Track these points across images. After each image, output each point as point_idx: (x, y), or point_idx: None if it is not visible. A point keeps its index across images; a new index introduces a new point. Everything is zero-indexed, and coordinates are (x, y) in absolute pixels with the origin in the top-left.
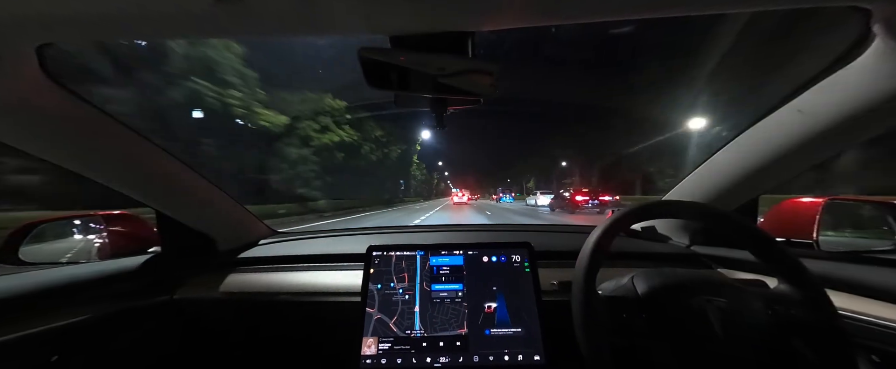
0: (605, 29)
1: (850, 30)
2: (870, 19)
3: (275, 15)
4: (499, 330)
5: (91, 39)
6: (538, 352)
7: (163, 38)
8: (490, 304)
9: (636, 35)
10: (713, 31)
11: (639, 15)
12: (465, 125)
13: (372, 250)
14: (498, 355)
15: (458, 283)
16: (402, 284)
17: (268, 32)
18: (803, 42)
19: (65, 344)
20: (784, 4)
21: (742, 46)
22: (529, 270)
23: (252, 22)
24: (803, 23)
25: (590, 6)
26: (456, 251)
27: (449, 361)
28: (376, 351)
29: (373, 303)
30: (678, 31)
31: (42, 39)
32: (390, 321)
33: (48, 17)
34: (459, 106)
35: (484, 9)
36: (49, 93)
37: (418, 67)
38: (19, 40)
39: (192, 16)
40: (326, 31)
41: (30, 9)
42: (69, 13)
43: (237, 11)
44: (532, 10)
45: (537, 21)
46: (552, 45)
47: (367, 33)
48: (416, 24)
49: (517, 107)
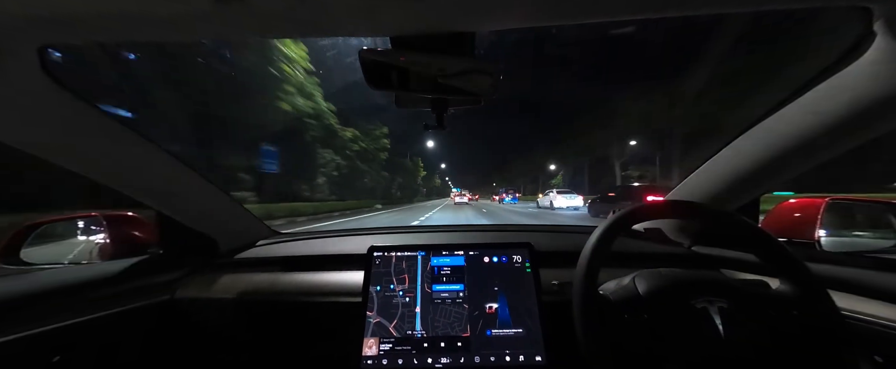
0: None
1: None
2: (871, 19)
3: (276, 16)
4: (500, 330)
5: (91, 41)
6: (539, 353)
7: (163, 39)
8: (491, 305)
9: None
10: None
11: (639, 15)
12: (479, 122)
13: (373, 250)
14: (499, 356)
15: (459, 284)
16: (403, 286)
17: (269, 33)
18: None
19: (66, 345)
20: (785, 4)
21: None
22: (530, 270)
23: (253, 23)
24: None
25: (590, 7)
26: (457, 251)
27: (450, 362)
28: (377, 351)
29: (372, 306)
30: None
31: (43, 40)
32: (390, 325)
33: (48, 18)
34: (460, 106)
35: (485, 9)
36: (50, 94)
37: (419, 68)
38: (20, 41)
39: (192, 16)
40: (328, 32)
41: (30, 10)
42: (69, 14)
43: (238, 12)
44: (533, 10)
45: (538, 21)
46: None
47: (368, 34)
48: (417, 24)
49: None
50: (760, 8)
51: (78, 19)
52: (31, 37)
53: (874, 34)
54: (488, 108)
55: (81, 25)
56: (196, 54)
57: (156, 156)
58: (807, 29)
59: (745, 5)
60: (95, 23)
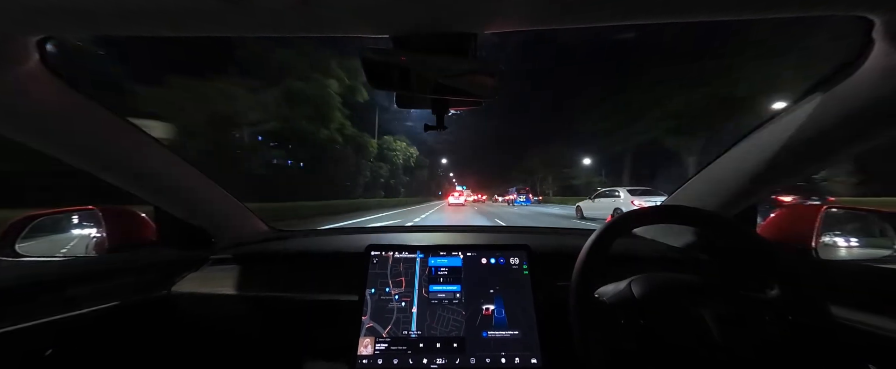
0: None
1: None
2: (871, 28)
3: (278, 14)
4: (496, 332)
5: (91, 33)
6: (535, 355)
7: (163, 33)
8: (488, 306)
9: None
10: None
11: (639, 20)
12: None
13: (370, 249)
14: (495, 357)
15: (456, 285)
16: (399, 290)
17: (271, 31)
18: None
19: (60, 338)
20: (785, 12)
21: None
22: (527, 273)
23: (255, 21)
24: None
25: (592, 10)
26: (454, 252)
27: (445, 362)
28: (373, 351)
29: (367, 310)
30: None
31: (42, 32)
32: (384, 330)
33: (47, 10)
34: (461, 107)
35: (486, 11)
36: (49, 87)
37: (420, 68)
38: (19, 33)
39: (193, 12)
40: (330, 31)
41: (29, 1)
42: (69, 6)
43: (241, 10)
44: (535, 12)
45: (540, 24)
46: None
47: (370, 33)
48: (419, 25)
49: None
50: (760, 16)
51: (78, 11)
52: (30, 28)
53: (873, 43)
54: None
55: (81, 17)
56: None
57: (154, 150)
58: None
59: (746, 13)
60: (95, 15)
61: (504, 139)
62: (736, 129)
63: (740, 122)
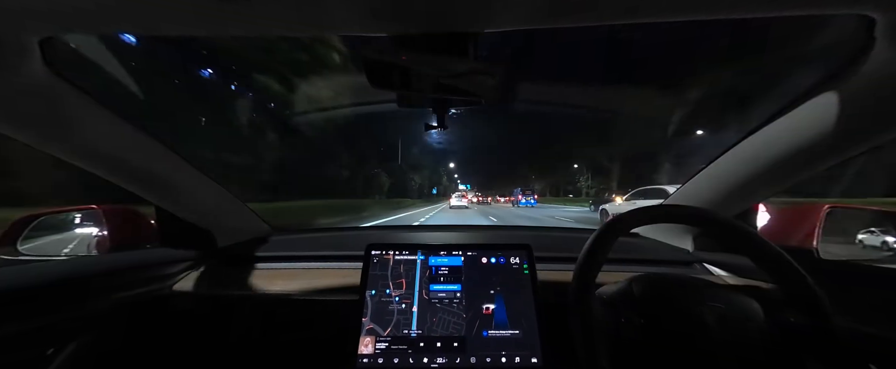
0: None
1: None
2: (872, 28)
3: (279, 14)
4: (496, 331)
5: (93, 33)
6: (536, 355)
7: (164, 33)
8: (488, 306)
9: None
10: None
11: (639, 19)
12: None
13: (371, 249)
14: (495, 357)
15: (456, 284)
16: (399, 291)
17: (271, 31)
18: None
19: (60, 338)
20: (786, 11)
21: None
22: (528, 272)
23: (255, 20)
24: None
25: (592, 9)
26: (455, 251)
27: (446, 362)
28: (373, 350)
29: (367, 312)
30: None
31: (44, 32)
32: (384, 331)
33: (49, 10)
34: (462, 106)
35: (486, 10)
36: (51, 87)
37: (421, 68)
38: (21, 33)
39: (194, 12)
40: (331, 31)
41: (32, 1)
42: (71, 6)
43: (241, 9)
44: (535, 12)
45: (540, 23)
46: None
47: (370, 33)
48: (420, 24)
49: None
50: (762, 14)
51: (79, 12)
52: (32, 29)
53: (875, 43)
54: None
55: (83, 17)
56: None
57: (156, 150)
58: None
59: (747, 12)
60: (97, 15)
61: (505, 141)
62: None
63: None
